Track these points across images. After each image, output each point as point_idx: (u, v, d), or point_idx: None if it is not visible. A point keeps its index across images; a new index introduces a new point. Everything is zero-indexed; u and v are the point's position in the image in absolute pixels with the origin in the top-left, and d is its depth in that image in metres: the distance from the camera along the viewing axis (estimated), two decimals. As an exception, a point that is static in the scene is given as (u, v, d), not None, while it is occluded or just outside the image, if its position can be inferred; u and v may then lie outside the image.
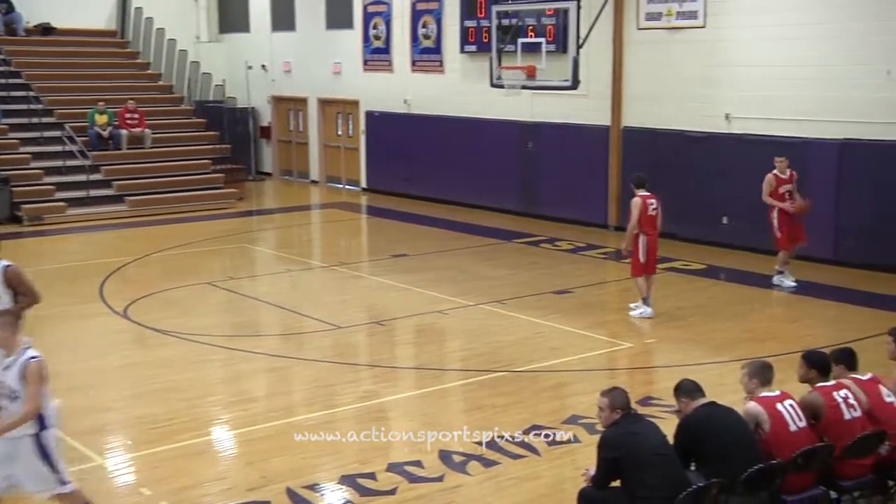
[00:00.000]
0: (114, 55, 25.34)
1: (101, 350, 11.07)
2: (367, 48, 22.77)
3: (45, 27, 24.48)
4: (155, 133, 22.30)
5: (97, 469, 7.72)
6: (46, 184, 20.12)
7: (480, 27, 19.44)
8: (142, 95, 23.29)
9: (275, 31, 25.45)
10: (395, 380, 10.04)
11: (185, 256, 16.43)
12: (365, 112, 23.08)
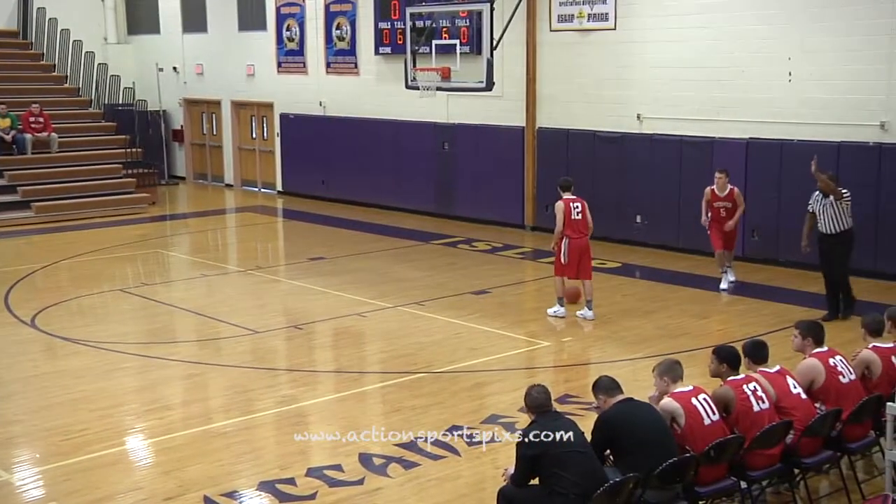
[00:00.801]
0: (16, 56, 24.59)
1: (6, 361, 10.73)
2: (280, 50, 22.56)
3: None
4: (62, 137, 21.74)
5: (4, 485, 7.47)
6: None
7: (395, 29, 19.43)
8: (47, 98, 22.69)
9: (186, 32, 25.03)
10: (314, 384, 9.96)
11: (96, 263, 16.03)
12: (280, 114, 22.87)
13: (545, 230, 17.53)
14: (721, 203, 13.05)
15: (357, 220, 19.42)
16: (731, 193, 13.05)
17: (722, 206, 13.05)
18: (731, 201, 13.06)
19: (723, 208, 13.05)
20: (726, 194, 13.05)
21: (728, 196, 13.06)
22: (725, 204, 13.04)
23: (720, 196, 13.06)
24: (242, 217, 21.60)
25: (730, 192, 13.05)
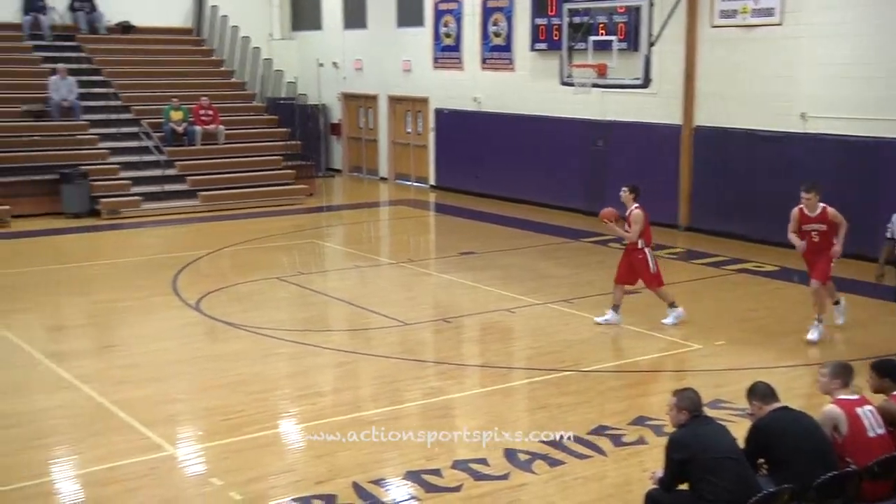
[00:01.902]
0: (190, 53, 25.82)
1: (174, 342, 11.28)
2: (437, 46, 22.82)
3: (125, 25, 25.04)
4: (228, 129, 22.66)
5: (169, 459, 7.87)
6: (123, 178, 20.59)
7: (551, 25, 19.35)
8: (216, 92, 23.68)
9: (346, 28, 25.67)
10: (461, 377, 10.04)
11: (255, 251, 16.66)
12: (434, 110, 23.15)
13: (700, 231, 17.14)
14: (813, 226, 10.97)
15: (508, 216, 19.45)
16: (823, 213, 10.90)
17: (814, 230, 10.97)
18: (824, 222, 10.93)
19: (815, 232, 10.96)
20: (818, 214, 10.94)
21: (821, 216, 10.93)
22: (818, 226, 10.94)
23: (810, 217, 10.97)
24: (395, 210, 21.98)
25: (822, 212, 10.90)
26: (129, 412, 8.73)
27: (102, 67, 23.48)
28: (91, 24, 24.57)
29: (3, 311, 12.24)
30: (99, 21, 24.69)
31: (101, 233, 18.58)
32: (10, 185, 19.25)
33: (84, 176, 19.73)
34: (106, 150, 21.15)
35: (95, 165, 20.37)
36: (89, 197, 19.70)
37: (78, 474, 7.63)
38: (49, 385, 9.56)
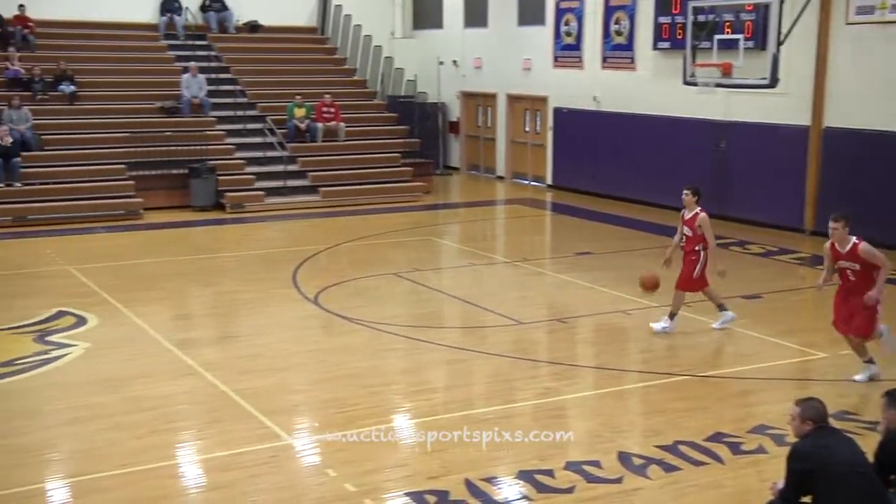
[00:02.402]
0: (313, 51, 26.38)
1: (293, 334, 11.57)
2: (557, 44, 22.71)
3: (253, 25, 25.79)
4: (349, 126, 23.05)
5: (286, 448, 8.07)
6: (248, 173, 21.19)
7: (675, 23, 19.01)
8: (338, 90, 24.13)
9: (467, 27, 25.79)
10: (575, 378, 9.98)
11: (373, 247, 16.92)
12: (553, 108, 23.04)
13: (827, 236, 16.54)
14: (845, 263, 9.28)
15: (625, 217, 19.21)
16: (853, 250, 9.18)
17: (848, 268, 9.29)
18: (855, 260, 9.17)
19: (849, 270, 9.28)
20: (848, 250, 9.22)
21: (850, 254, 9.19)
22: (851, 265, 9.24)
23: (842, 253, 9.27)
24: (511, 209, 21.97)
25: (852, 249, 9.18)
26: (249, 401, 8.99)
27: (231, 66, 24.23)
28: (221, 24, 25.39)
29: (136, 300, 12.76)
30: (229, 21, 25.49)
31: (225, 226, 19.19)
32: (143, 178, 20.06)
33: (211, 171, 20.39)
34: (232, 145, 21.81)
35: (222, 160, 21.03)
36: (215, 191, 20.35)
37: (201, 459, 7.90)
38: (176, 372, 9.93)
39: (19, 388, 9.42)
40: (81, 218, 18.70)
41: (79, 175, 19.66)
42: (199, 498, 7.28)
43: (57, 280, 14.02)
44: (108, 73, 22.82)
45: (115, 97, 22.09)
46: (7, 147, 18.82)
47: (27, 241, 17.20)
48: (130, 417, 8.62)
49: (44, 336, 11.03)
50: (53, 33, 23.30)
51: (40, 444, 8.09)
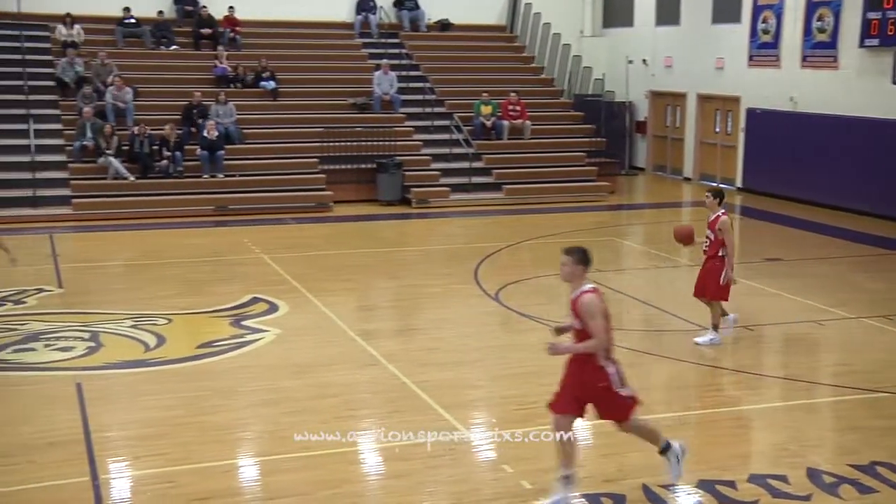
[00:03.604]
0: (502, 49, 26.57)
1: (473, 329, 11.69)
2: (753, 43, 21.92)
3: (443, 23, 26.23)
4: (534, 125, 23.07)
5: (464, 442, 8.17)
6: (434, 170, 21.58)
7: (886, 19, 17.95)
8: (524, 88, 24.19)
9: (658, 25, 25.29)
10: (760, 388, 9.62)
11: (554, 245, 16.71)
12: (746, 109, 22.26)
13: None
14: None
15: (820, 223, 18.34)
16: None
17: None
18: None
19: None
20: None
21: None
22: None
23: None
24: (698, 211, 21.27)
25: None
26: (429, 393, 9.16)
27: (421, 63, 24.73)
28: (413, 23, 25.97)
29: (325, 290, 13.24)
30: (420, 19, 26.04)
31: (410, 220, 19.62)
32: (334, 172, 20.79)
33: (398, 166, 20.88)
34: (419, 141, 22.26)
35: (409, 156, 21.50)
36: (402, 186, 20.83)
37: (381, 447, 8.11)
38: (359, 361, 10.23)
39: (216, 368, 9.97)
40: (276, 209, 19.58)
41: (275, 168, 20.60)
42: (378, 484, 7.47)
43: (252, 268, 14.74)
44: (306, 70, 23.78)
45: (311, 93, 22.99)
46: (213, 140, 19.93)
47: (226, 230, 18.18)
48: (315, 403, 8.95)
49: (239, 320, 11.61)
50: (257, 32, 24.49)
51: (232, 422, 8.52)
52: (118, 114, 20.54)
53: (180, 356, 10.26)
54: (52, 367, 9.83)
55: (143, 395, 9.07)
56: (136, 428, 8.26)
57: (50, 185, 19.15)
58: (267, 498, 7.08)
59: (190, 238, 17.35)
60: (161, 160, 19.60)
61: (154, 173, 19.56)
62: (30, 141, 19.54)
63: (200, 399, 8.99)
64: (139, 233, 17.70)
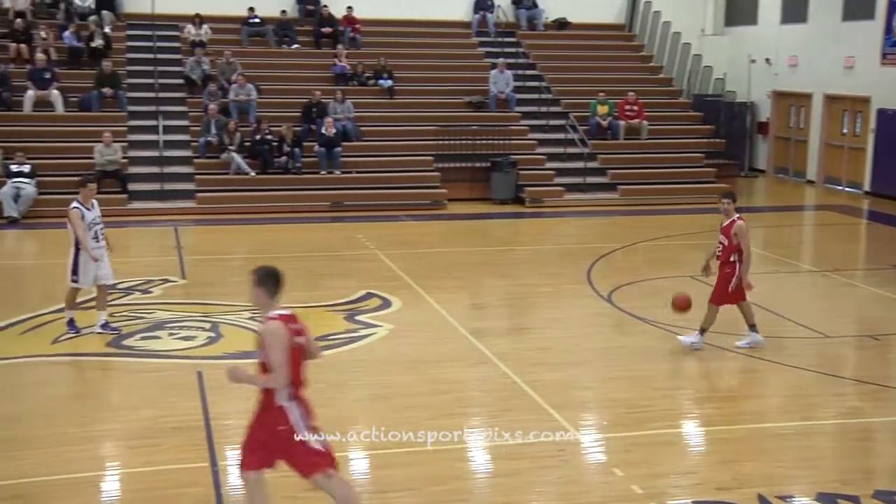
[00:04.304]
0: (619, 48, 26.25)
1: (584, 330, 11.59)
2: (887, 41, 21.08)
3: (561, 22, 26.09)
4: (651, 125, 22.72)
5: (572, 443, 8.11)
6: (548, 169, 21.48)
7: None
8: (642, 87, 23.84)
9: (784, 23, 24.56)
10: (886, 399, 9.24)
11: (670, 248, 16.58)
12: (877, 110, 21.41)
13: None
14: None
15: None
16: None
17: None
18: None
19: None
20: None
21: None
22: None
23: None
24: (822, 216, 20.69)
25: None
26: (539, 393, 9.13)
27: (538, 62, 24.64)
28: (530, 21, 25.91)
29: (438, 287, 13.33)
30: (538, 18, 25.96)
31: (523, 220, 19.58)
32: (449, 170, 20.90)
33: (513, 165, 20.86)
34: (534, 141, 22.18)
35: (523, 155, 21.45)
36: (515, 185, 20.80)
37: (491, 445, 8.12)
38: (470, 358, 10.27)
39: (330, 362, 10.13)
40: (391, 206, 19.81)
41: (391, 165, 20.84)
42: (487, 482, 7.49)
43: (366, 263, 14.96)
44: (423, 68, 23.98)
45: (427, 92, 23.17)
46: (330, 137, 20.30)
47: (342, 226, 18.50)
48: (426, 399, 9.03)
49: (353, 315, 11.81)
50: (376, 31, 24.82)
51: (345, 416, 8.67)
52: (241, 111, 21.13)
53: (296, 348, 10.49)
54: (175, 355, 10.18)
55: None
56: (253, 417, 8.49)
57: (176, 180, 19.84)
58: (377, 491, 7.18)
59: (306, 233, 17.72)
60: (280, 156, 20.07)
61: (273, 169, 20.05)
62: (159, 137, 20.29)
63: (314, 392, 9.04)
64: (258, 227, 18.17)
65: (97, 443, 7.86)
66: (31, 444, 7.70)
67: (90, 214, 10.59)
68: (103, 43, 21.97)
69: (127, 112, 21.00)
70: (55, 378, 9.38)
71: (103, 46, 21.90)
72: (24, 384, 9.12)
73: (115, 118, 20.64)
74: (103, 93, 20.87)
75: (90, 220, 10.57)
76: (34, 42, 21.57)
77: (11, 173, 18.28)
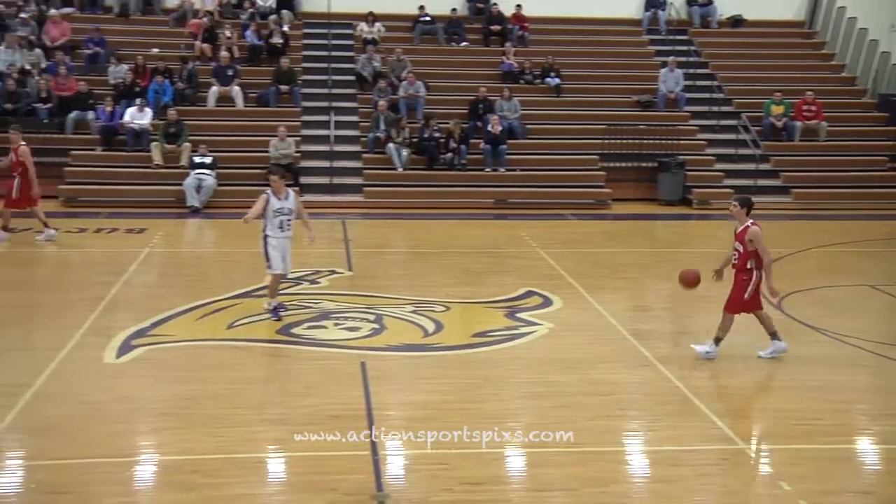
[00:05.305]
0: (798, 46, 25.29)
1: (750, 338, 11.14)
2: None
3: (736, 19, 25.32)
4: (830, 126, 21.77)
5: (739, 453, 7.84)
6: (717, 170, 20.90)
7: None
8: (821, 87, 22.90)
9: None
10: None
11: (846, 255, 15.83)
12: None
13: None
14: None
15: None
16: None
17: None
18: None
19: None
20: None
21: None
22: None
23: None
24: None
25: None
26: (702, 399, 8.88)
27: (710, 61, 24.01)
28: (704, 19, 25.26)
29: (599, 287, 13.19)
30: (712, 15, 25.29)
31: (690, 221, 19.12)
32: (614, 170, 20.65)
33: (680, 165, 20.40)
34: (703, 141, 21.63)
35: (692, 156, 20.94)
36: (683, 186, 20.34)
37: (650, 450, 7.97)
38: (631, 361, 10.09)
39: (489, 358, 10.21)
40: (554, 204, 19.73)
41: (555, 164, 20.77)
42: (645, 487, 7.35)
43: (528, 261, 14.95)
44: (590, 66, 23.78)
45: (594, 90, 22.96)
46: (496, 134, 20.41)
47: (505, 223, 18.56)
48: (585, 399, 8.94)
49: (513, 312, 11.82)
50: (544, 29, 24.77)
51: (503, 412, 8.69)
52: (410, 107, 21.52)
53: (456, 343, 10.60)
54: (339, 344, 10.47)
55: (420, 379, 9.45)
56: (413, 409, 8.63)
57: (345, 174, 20.42)
58: (534, 489, 7.16)
59: (469, 229, 17.87)
60: (446, 153, 20.32)
61: (439, 165, 20.32)
62: (330, 132, 20.93)
63: (473, 386, 9.24)
64: (422, 222, 18.46)
65: (265, 426, 8.17)
66: (209, 423, 8.08)
67: (277, 203, 11.05)
68: (282, 41, 22.85)
69: (301, 108, 21.77)
70: (229, 361, 9.81)
71: (281, 44, 22.77)
72: (201, 366, 9.58)
73: (290, 113, 21.43)
74: (280, 89, 21.71)
75: (276, 207, 11.05)
76: (219, 41, 22.64)
77: (195, 165, 19.27)
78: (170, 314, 11.28)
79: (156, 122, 20.26)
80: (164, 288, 13.07)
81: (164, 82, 21.16)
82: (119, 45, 22.65)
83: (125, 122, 20.10)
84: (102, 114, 20.30)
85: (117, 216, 18.00)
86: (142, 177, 19.62)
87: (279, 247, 11.09)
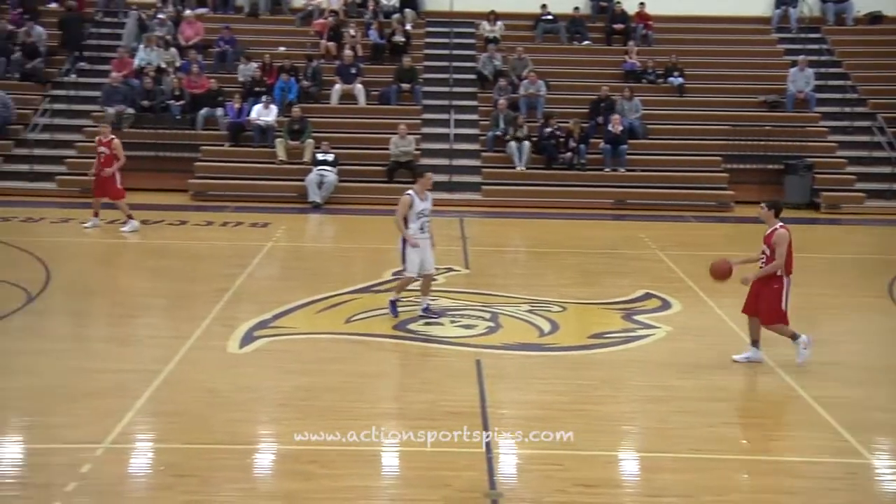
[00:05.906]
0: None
1: (882, 349, 10.76)
2: None
3: (874, 16, 24.33)
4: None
5: (866, 467, 7.55)
6: (848, 173, 20.15)
7: None
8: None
9: None
10: None
11: None
12: None
13: None
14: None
15: None
16: None
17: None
18: None
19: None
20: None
21: None
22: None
23: None
24: None
25: None
26: (827, 410, 8.57)
27: (843, 60, 23.15)
28: (839, 15, 24.37)
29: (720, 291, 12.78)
30: (848, 12, 24.38)
31: (817, 226, 18.50)
32: (737, 172, 20.13)
33: (808, 168, 19.76)
34: (834, 143, 20.88)
35: (821, 158, 20.25)
36: (811, 189, 19.68)
37: (771, 460, 7.72)
38: (754, 367, 9.79)
39: (605, 359, 10.09)
40: (674, 205, 19.37)
41: (677, 164, 20.39)
42: (767, 498, 7.12)
43: (646, 263, 14.72)
44: (716, 66, 23.26)
45: (719, 90, 22.45)
46: (617, 134, 20.17)
47: (623, 224, 18.32)
48: (705, 405, 8.74)
49: (631, 315, 11.65)
50: (668, 27, 24.34)
51: (619, 414, 8.58)
52: (530, 106, 21.46)
53: (572, 344, 10.52)
54: (455, 342, 10.51)
55: (535, 378, 9.42)
56: (528, 409, 8.60)
57: (464, 172, 20.50)
58: (649, 494, 7.05)
59: (587, 229, 17.71)
60: (566, 152, 20.18)
61: (558, 164, 20.20)
62: (450, 130, 21.05)
63: (589, 388, 9.15)
64: (539, 221, 18.39)
65: (381, 420, 8.27)
66: (327, 414, 8.24)
67: (420, 205, 11.08)
68: (404, 40, 23.11)
69: (422, 106, 21.96)
70: (347, 355, 9.97)
71: (403, 43, 23.03)
72: (320, 359, 9.78)
73: (411, 111, 21.65)
74: (401, 87, 21.96)
75: (419, 209, 11.08)
76: (343, 39, 23.06)
77: (317, 161, 19.68)
78: (290, 307, 11.55)
79: (281, 118, 20.77)
80: (286, 281, 13.39)
81: (290, 80, 21.68)
82: (248, 43, 23.31)
83: (252, 118, 20.68)
84: (231, 110, 20.94)
85: (242, 210, 18.54)
86: (266, 172, 20.13)
87: (418, 249, 11.05)
